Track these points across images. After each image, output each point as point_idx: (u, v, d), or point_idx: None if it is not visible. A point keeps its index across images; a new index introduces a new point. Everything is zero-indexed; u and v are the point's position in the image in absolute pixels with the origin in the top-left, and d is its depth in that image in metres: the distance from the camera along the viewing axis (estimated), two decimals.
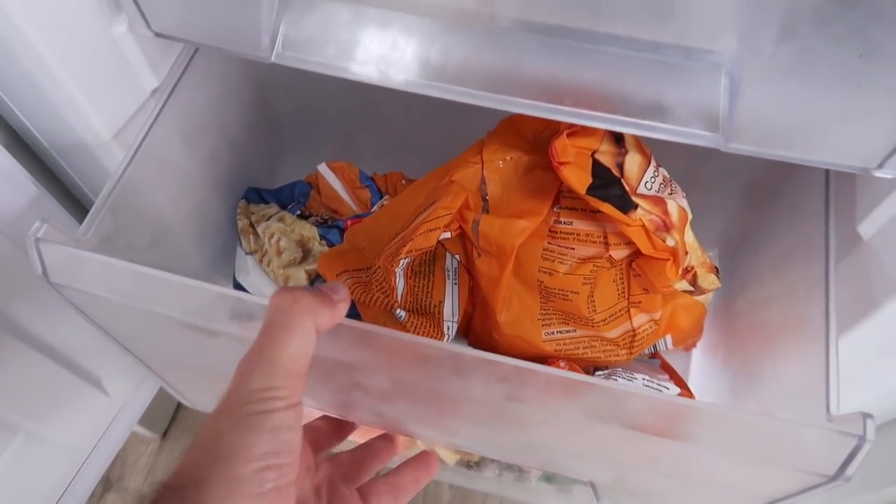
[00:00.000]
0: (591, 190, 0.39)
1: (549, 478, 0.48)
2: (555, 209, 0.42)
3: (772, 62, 0.30)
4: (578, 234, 0.42)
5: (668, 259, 0.40)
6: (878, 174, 0.35)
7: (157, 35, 0.41)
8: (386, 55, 0.35)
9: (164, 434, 0.99)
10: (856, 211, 0.41)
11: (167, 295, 0.36)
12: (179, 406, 1.00)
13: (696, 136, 0.34)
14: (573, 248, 0.43)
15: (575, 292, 0.43)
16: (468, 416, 0.38)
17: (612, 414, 0.32)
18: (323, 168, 0.59)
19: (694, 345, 0.55)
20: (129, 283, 0.36)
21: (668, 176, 0.43)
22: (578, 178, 0.39)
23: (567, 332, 0.45)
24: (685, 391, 0.53)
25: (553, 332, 0.45)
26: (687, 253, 0.42)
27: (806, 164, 0.36)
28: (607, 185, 0.39)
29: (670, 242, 0.40)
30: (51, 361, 0.57)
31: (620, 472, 0.40)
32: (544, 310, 0.45)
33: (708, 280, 0.45)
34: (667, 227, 0.40)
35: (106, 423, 0.67)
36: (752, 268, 0.54)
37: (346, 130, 0.65)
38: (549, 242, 0.43)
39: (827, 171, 0.43)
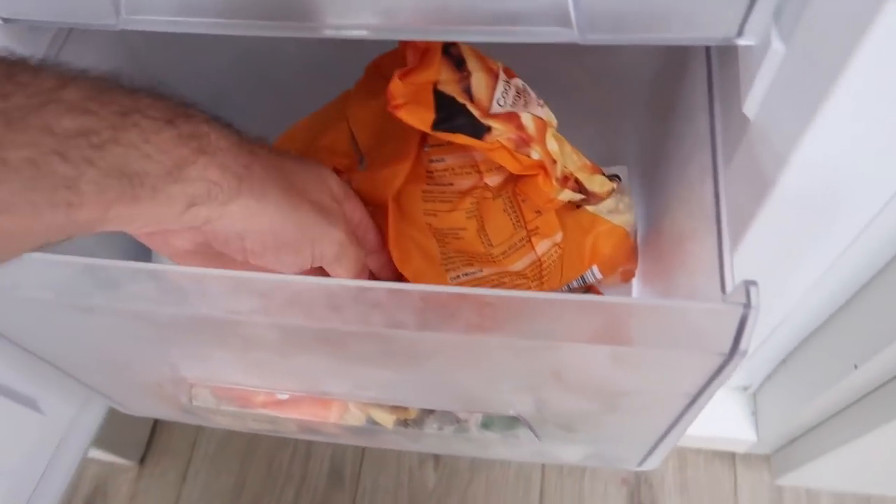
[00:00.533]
0: (437, 125, 0.37)
1: (487, 424, 0.47)
2: (425, 149, 0.41)
3: None
4: (453, 169, 0.41)
5: (538, 173, 0.39)
6: (741, 42, 0.34)
7: (7, 21, 0.40)
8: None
9: (142, 460, 0.97)
10: (739, 93, 0.39)
11: (32, 275, 0.35)
12: (154, 430, 1.00)
13: (550, 33, 0.33)
14: (451, 184, 0.41)
15: (463, 228, 0.42)
16: (361, 356, 0.37)
17: (488, 324, 0.31)
18: None
19: (631, 274, 0.53)
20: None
21: (522, 86, 0.41)
22: (419, 117, 0.38)
23: (473, 273, 0.44)
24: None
25: (459, 276, 0.44)
26: (555, 161, 0.40)
27: (666, 43, 0.35)
28: (452, 115, 0.38)
29: (535, 156, 0.38)
30: None
31: (534, 395, 0.39)
32: (444, 254, 0.44)
33: (596, 182, 0.43)
34: (526, 142, 0.38)
35: (50, 447, 0.65)
36: (666, 183, 0.53)
37: (240, 104, 0.63)
38: (427, 184, 0.42)
39: (708, 59, 0.42)
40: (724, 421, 0.77)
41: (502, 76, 0.40)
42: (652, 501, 0.89)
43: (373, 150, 0.42)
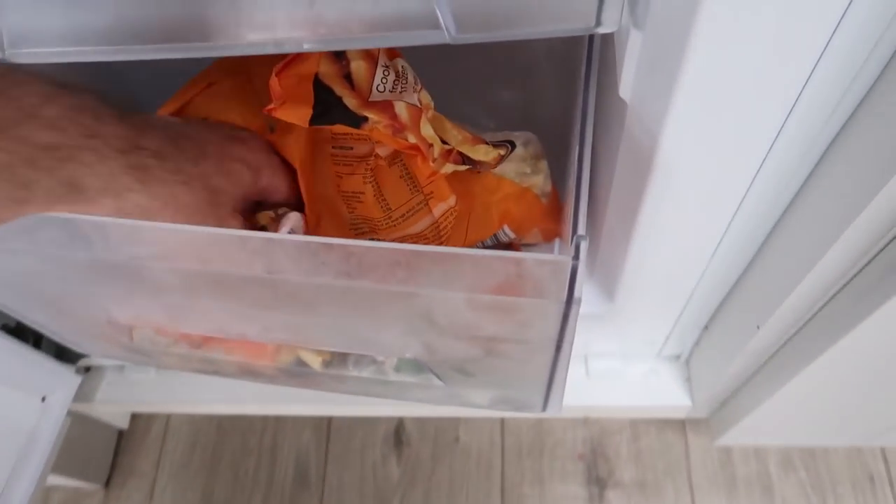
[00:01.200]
0: (314, 119, 0.39)
1: (399, 367, 0.51)
2: None
3: None
4: (351, 134, 0.44)
5: (417, 153, 0.42)
6: (599, 31, 0.36)
7: None
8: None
9: (107, 483, 0.99)
10: (616, 78, 0.42)
11: None
12: (118, 449, 1.01)
13: (423, 36, 0.35)
14: (352, 149, 0.44)
15: (362, 192, 0.45)
16: (258, 300, 0.41)
17: (354, 273, 0.34)
18: None
19: (553, 233, 0.56)
20: None
21: (401, 68, 0.43)
22: (296, 114, 0.39)
23: (378, 239, 0.47)
24: None
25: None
26: (430, 144, 0.43)
27: (534, 37, 0.37)
28: (329, 109, 0.40)
29: (411, 140, 0.41)
30: None
31: (420, 338, 0.43)
32: (352, 218, 0.47)
33: (480, 151, 0.46)
34: (400, 129, 0.41)
35: (2, 480, 0.66)
36: (568, 149, 0.55)
37: None
38: (332, 147, 0.45)
39: (589, 43, 0.45)
40: (661, 390, 0.81)
41: (382, 59, 0.42)
42: (609, 472, 0.93)
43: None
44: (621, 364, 0.81)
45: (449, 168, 0.44)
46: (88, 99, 0.35)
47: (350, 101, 0.40)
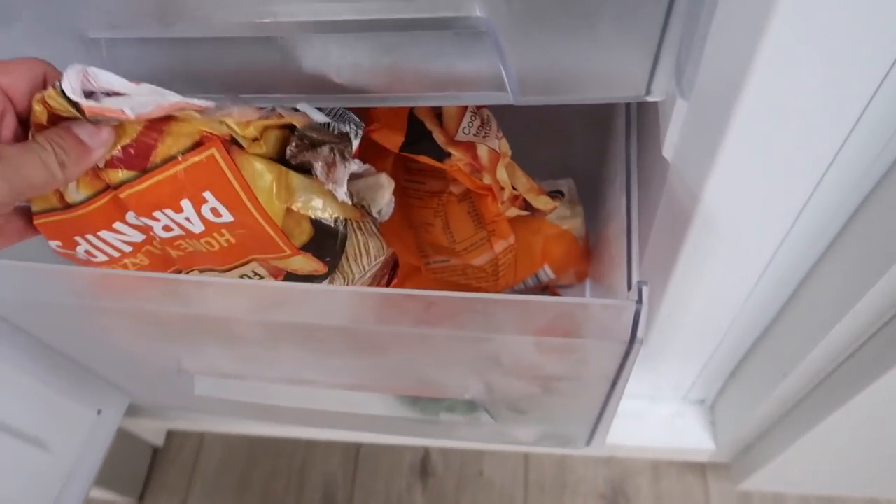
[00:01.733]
0: (404, 147, 0.43)
1: (451, 407, 0.54)
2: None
3: (511, 17, 0.35)
4: (424, 171, 0.48)
5: (488, 194, 0.46)
6: (650, 98, 0.40)
7: None
8: None
9: (141, 497, 1.01)
10: (659, 138, 0.47)
11: (57, 284, 0.42)
12: (152, 465, 1.03)
13: (490, 97, 0.40)
14: (424, 183, 0.49)
15: (431, 224, 0.49)
16: (333, 347, 0.45)
17: (433, 320, 0.38)
18: None
19: (584, 274, 0.61)
20: (18, 280, 0.43)
21: (487, 117, 0.48)
22: (389, 140, 0.44)
23: (442, 260, 0.51)
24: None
25: (431, 262, 0.51)
26: (503, 188, 0.47)
27: (589, 101, 0.41)
28: (419, 140, 0.44)
29: (486, 181, 0.46)
30: None
31: (483, 379, 0.46)
32: (418, 243, 0.51)
33: (541, 201, 0.51)
34: (479, 170, 0.45)
35: (57, 486, 0.68)
36: (605, 196, 0.60)
37: None
38: (405, 179, 0.49)
39: (627, 105, 0.49)
40: (685, 432, 0.84)
41: (471, 106, 0.47)
42: None
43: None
44: (647, 405, 0.84)
45: (513, 212, 0.48)
46: None
47: (439, 137, 0.44)
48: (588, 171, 0.65)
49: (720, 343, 0.64)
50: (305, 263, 0.39)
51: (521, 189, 0.49)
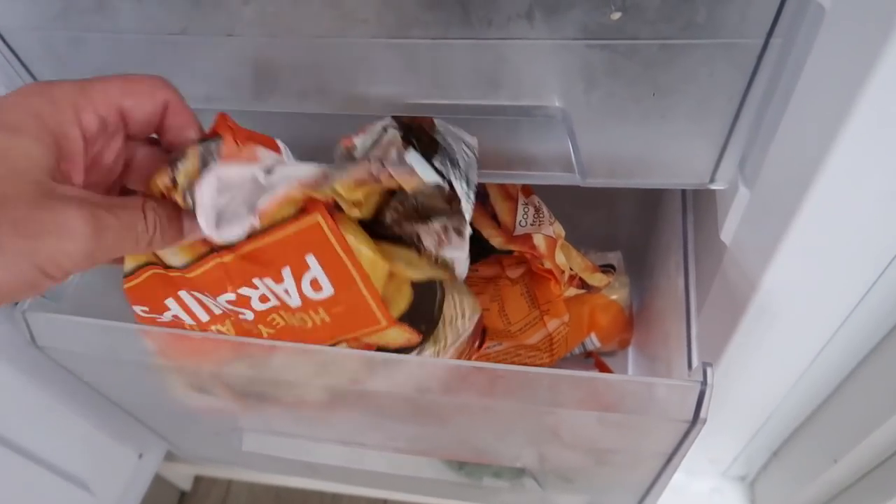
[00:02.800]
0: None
1: (497, 473, 0.54)
2: None
3: (587, 109, 0.38)
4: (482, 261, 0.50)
5: (550, 278, 0.48)
6: (713, 187, 0.42)
7: None
8: None
9: None
10: (717, 221, 0.48)
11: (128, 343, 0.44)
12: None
13: (557, 177, 0.42)
14: (476, 271, 0.51)
15: (487, 309, 0.51)
16: (394, 413, 0.46)
17: (498, 391, 0.39)
18: None
19: (627, 342, 0.62)
20: (96, 337, 0.44)
21: (538, 204, 0.50)
22: None
23: (494, 346, 0.53)
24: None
25: (486, 349, 0.53)
26: (563, 271, 0.49)
27: (653, 186, 0.43)
28: (483, 251, 0.46)
29: (547, 265, 0.47)
30: (34, 465, 0.59)
31: (538, 449, 0.47)
32: None
33: (596, 279, 0.53)
34: (538, 258, 0.47)
35: None
36: (653, 269, 0.61)
37: None
38: None
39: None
40: None
41: (521, 199, 0.49)
42: None
43: None
44: (685, 478, 0.83)
45: (571, 292, 0.50)
46: None
47: (496, 241, 0.46)
48: (634, 240, 0.67)
49: (766, 421, 0.64)
50: (399, 335, 0.39)
51: (577, 269, 0.51)
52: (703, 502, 0.83)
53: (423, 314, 0.40)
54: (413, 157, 0.34)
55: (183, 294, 0.39)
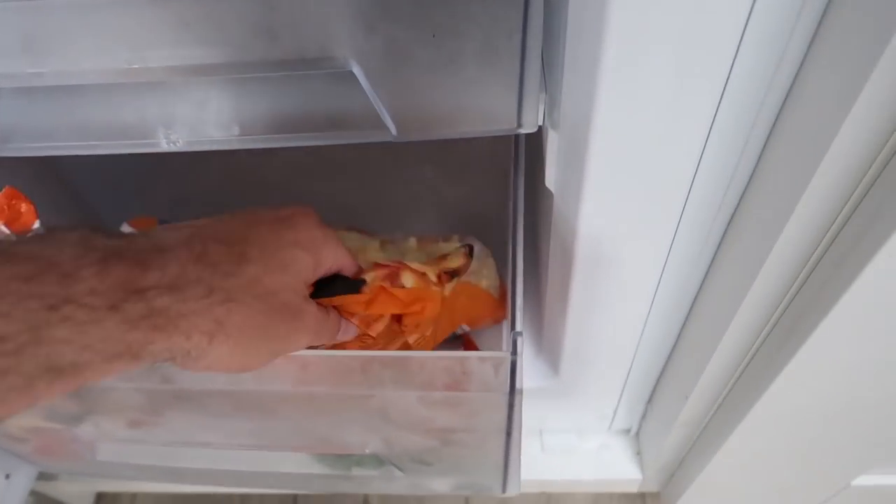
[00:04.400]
0: (316, 293, 0.38)
1: (359, 462, 0.52)
2: None
3: (375, 57, 0.36)
4: None
5: (421, 305, 0.43)
6: (523, 131, 0.41)
7: None
8: None
9: None
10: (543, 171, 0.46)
11: None
12: None
13: (372, 135, 0.40)
14: None
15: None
16: (221, 410, 0.42)
17: (310, 380, 0.36)
18: (126, 228, 0.62)
19: (501, 318, 0.60)
20: None
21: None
22: None
23: None
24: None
25: None
26: (424, 274, 0.45)
27: (466, 135, 0.41)
28: (331, 280, 0.40)
29: (408, 283, 0.43)
30: None
31: (379, 434, 0.45)
32: None
33: (453, 260, 0.50)
34: (396, 272, 0.43)
35: None
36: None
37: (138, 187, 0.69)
38: None
39: (516, 144, 0.49)
40: (613, 464, 0.83)
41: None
42: None
43: None
44: (575, 439, 0.83)
45: (449, 287, 0.47)
46: (45, 252, 0.27)
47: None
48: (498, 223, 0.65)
49: (629, 370, 0.64)
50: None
51: (434, 266, 0.47)
52: (594, 458, 0.83)
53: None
54: None
55: None
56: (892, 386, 0.47)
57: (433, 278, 0.46)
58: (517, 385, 0.36)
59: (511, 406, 0.38)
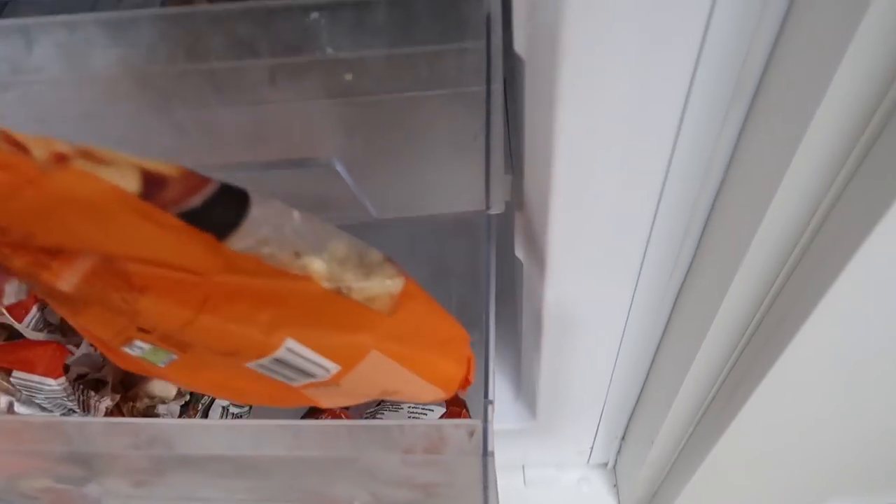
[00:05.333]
0: None
1: None
2: None
3: (355, 155, 0.40)
4: None
5: None
6: (492, 212, 0.45)
7: None
8: None
9: None
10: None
11: None
12: None
13: (355, 216, 0.44)
14: None
15: None
16: (220, 471, 0.46)
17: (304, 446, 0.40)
18: None
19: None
20: None
21: None
22: None
23: None
24: (456, 407, 0.61)
25: None
26: None
27: (438, 213, 0.46)
28: None
29: None
30: None
31: (366, 489, 0.48)
32: None
33: None
34: None
35: None
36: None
37: None
38: None
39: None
40: (592, 496, 0.86)
41: None
42: None
43: None
44: (555, 472, 0.87)
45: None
46: None
47: None
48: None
49: (602, 412, 0.68)
50: None
51: None
52: (573, 491, 0.87)
53: None
54: None
55: None
56: (840, 429, 0.51)
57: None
58: (489, 448, 0.40)
59: (485, 466, 0.42)
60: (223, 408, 0.60)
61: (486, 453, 0.40)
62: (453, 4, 0.34)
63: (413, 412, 0.57)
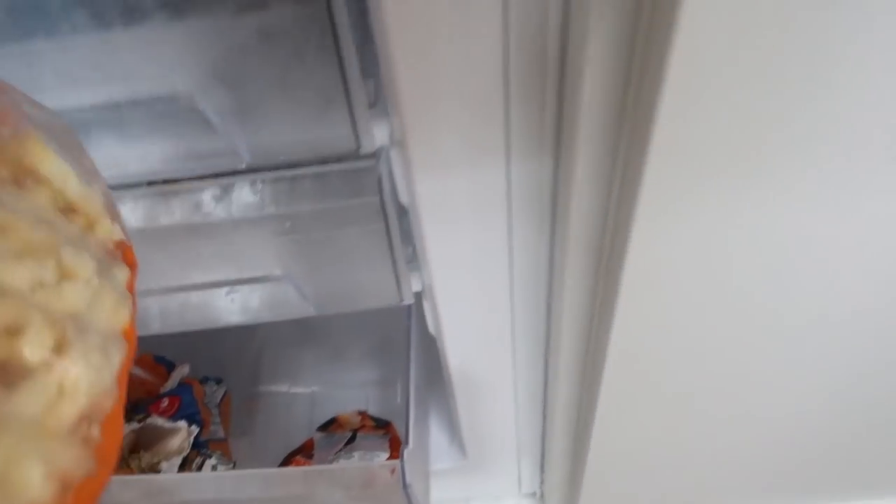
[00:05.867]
0: None
1: None
2: None
3: (295, 270, 0.55)
4: None
5: None
6: (405, 303, 0.60)
7: None
8: None
9: None
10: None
11: None
12: None
13: (298, 311, 0.59)
14: None
15: None
16: None
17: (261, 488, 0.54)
18: None
19: None
20: None
21: None
22: None
23: None
24: (396, 452, 0.76)
25: None
26: None
27: (365, 308, 0.61)
28: None
29: None
30: None
31: None
32: None
33: None
34: None
35: None
36: None
37: None
38: None
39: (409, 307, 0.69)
40: None
41: None
42: None
43: None
44: (493, 502, 1.01)
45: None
46: None
47: None
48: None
49: (518, 449, 0.83)
50: None
51: None
52: None
53: None
54: None
55: None
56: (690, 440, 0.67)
57: None
58: (407, 481, 0.55)
59: (407, 495, 0.56)
60: (213, 466, 0.73)
61: (405, 485, 0.55)
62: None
63: (364, 458, 0.72)
